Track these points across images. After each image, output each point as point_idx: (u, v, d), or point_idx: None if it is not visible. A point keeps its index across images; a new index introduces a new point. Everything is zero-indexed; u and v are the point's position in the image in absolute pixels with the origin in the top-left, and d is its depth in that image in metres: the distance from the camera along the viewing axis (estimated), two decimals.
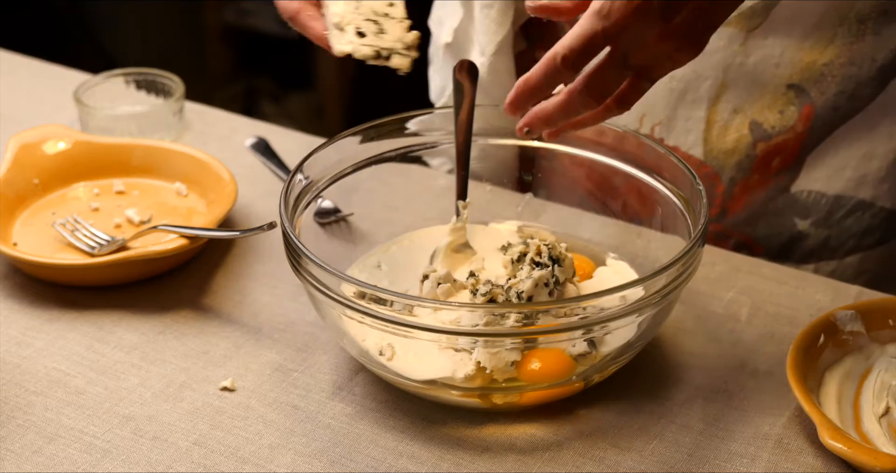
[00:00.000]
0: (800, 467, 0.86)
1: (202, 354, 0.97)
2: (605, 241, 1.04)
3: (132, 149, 1.17)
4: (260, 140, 1.24)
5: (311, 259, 0.86)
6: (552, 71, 0.81)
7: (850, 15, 1.06)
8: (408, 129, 1.03)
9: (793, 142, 1.11)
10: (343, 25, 0.86)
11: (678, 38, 0.79)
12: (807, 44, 1.08)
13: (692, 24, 0.79)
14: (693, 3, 0.78)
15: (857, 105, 1.10)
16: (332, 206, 1.06)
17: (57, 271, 1.03)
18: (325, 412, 0.91)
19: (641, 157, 0.99)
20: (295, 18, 0.93)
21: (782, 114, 1.10)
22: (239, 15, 2.84)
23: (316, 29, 0.92)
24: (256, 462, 0.86)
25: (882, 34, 1.07)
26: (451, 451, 0.87)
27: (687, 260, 0.87)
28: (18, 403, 0.91)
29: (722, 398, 0.92)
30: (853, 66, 1.08)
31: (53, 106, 1.33)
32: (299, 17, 0.93)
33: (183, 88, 1.26)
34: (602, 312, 0.84)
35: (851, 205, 1.14)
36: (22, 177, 1.13)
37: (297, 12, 0.93)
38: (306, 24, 0.92)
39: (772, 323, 1.00)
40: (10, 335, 0.98)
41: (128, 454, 0.87)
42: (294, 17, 0.93)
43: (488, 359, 0.87)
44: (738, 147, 1.12)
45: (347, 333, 0.91)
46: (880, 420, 0.87)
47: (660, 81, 1.12)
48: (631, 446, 0.88)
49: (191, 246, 1.02)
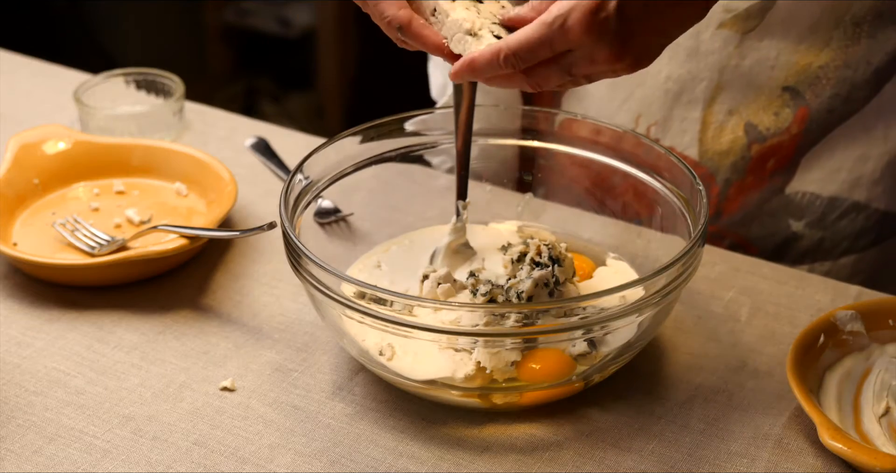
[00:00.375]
0: (800, 467, 0.86)
1: (202, 354, 0.97)
2: (605, 241, 1.04)
3: (132, 149, 1.17)
4: (260, 140, 1.24)
5: (311, 259, 0.86)
6: (494, 65, 0.80)
7: (845, 18, 1.07)
8: (407, 129, 1.03)
9: (788, 144, 1.12)
10: (475, 30, 0.84)
11: (628, 58, 0.78)
12: (802, 46, 1.08)
13: (645, 45, 0.78)
14: (649, 25, 0.77)
15: (852, 107, 1.10)
16: (332, 206, 1.06)
17: (57, 271, 1.03)
18: (325, 412, 0.91)
19: (641, 157, 0.99)
20: (407, 28, 0.85)
21: (777, 116, 1.11)
22: (239, 15, 2.84)
23: (433, 38, 0.85)
24: (256, 462, 0.86)
25: (877, 37, 1.07)
26: (451, 451, 0.87)
27: (687, 260, 0.87)
28: (18, 403, 0.91)
29: (722, 398, 0.92)
30: (848, 69, 1.08)
31: (53, 106, 1.33)
32: (412, 27, 0.85)
33: (183, 88, 1.26)
34: (602, 312, 0.84)
35: (846, 206, 1.14)
36: (22, 177, 1.13)
37: (408, 21, 0.85)
38: (421, 32, 0.85)
39: (772, 323, 1.00)
40: (10, 335, 0.98)
41: (128, 454, 0.87)
42: (406, 27, 0.85)
43: (488, 359, 0.87)
44: (733, 148, 1.12)
45: (347, 333, 0.91)
46: (880, 420, 0.87)
47: (656, 82, 1.13)
48: (631, 446, 0.88)
49: (191, 246, 1.02)
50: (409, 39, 0.85)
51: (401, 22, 0.85)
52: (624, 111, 1.15)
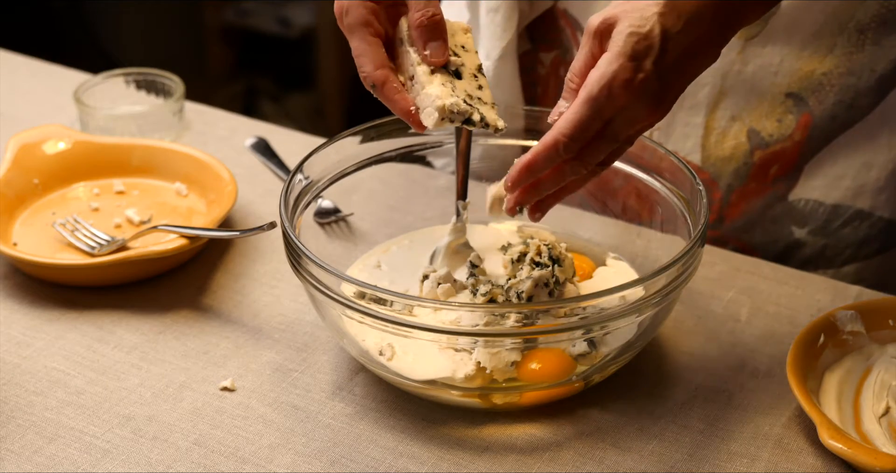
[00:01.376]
0: (800, 467, 0.86)
1: (202, 354, 0.97)
2: (606, 242, 1.04)
3: (132, 149, 1.17)
4: (260, 140, 1.24)
5: (311, 259, 0.86)
6: (554, 156, 0.83)
7: (849, 25, 1.06)
8: (411, 128, 1.03)
9: (790, 151, 1.11)
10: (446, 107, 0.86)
11: (664, 108, 0.82)
12: (805, 53, 1.08)
13: (677, 93, 0.83)
14: (681, 75, 0.81)
15: (855, 115, 1.10)
16: (332, 206, 1.06)
17: (57, 271, 1.03)
18: (325, 412, 0.91)
19: (642, 158, 0.99)
20: (381, 88, 0.87)
21: (780, 123, 1.10)
22: (239, 15, 2.84)
23: (402, 104, 0.87)
24: (256, 462, 0.86)
25: (882, 44, 1.07)
26: (451, 451, 0.87)
27: (687, 260, 0.87)
28: (18, 403, 0.91)
29: (722, 398, 0.92)
30: (852, 76, 1.08)
31: (53, 106, 1.33)
32: (385, 89, 0.87)
33: (183, 88, 1.26)
34: (602, 312, 0.84)
35: (849, 214, 1.13)
36: (22, 177, 1.13)
37: (383, 83, 0.87)
38: (392, 97, 0.87)
39: (772, 323, 1.00)
40: (10, 335, 0.98)
41: (128, 454, 0.87)
42: (380, 88, 0.87)
43: (488, 359, 0.87)
44: (735, 154, 1.12)
45: (347, 333, 0.91)
46: (880, 420, 0.87)
47: None
48: (631, 446, 0.88)
49: (191, 246, 1.02)
50: (381, 99, 0.87)
51: (374, 81, 0.87)
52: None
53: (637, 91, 0.80)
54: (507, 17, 1.13)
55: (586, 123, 0.81)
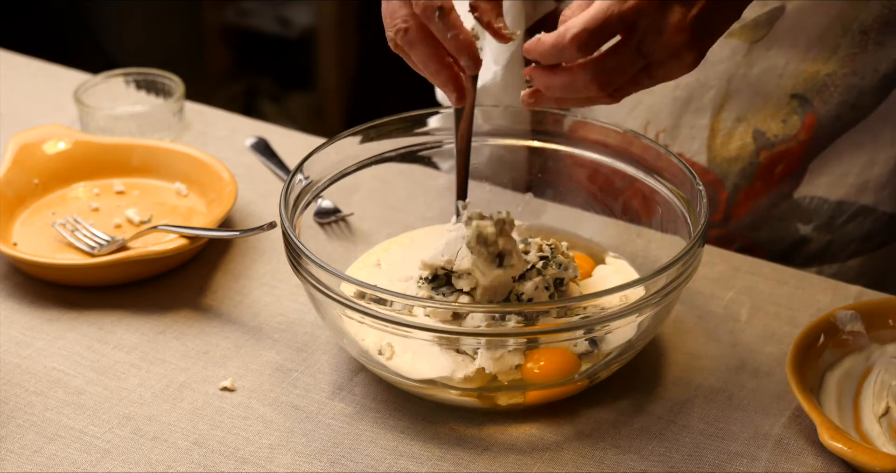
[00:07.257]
0: (800, 467, 0.86)
1: (202, 354, 0.97)
2: (606, 241, 1.04)
3: (132, 149, 1.17)
4: (260, 140, 1.24)
5: (311, 259, 0.86)
6: (560, 46, 0.78)
7: (853, 26, 1.07)
8: (415, 128, 1.03)
9: (796, 150, 1.12)
10: None
11: (690, 33, 0.77)
12: (810, 55, 1.08)
13: (705, 20, 0.78)
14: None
15: (859, 114, 1.11)
16: (332, 206, 1.06)
17: (57, 271, 1.03)
18: (325, 412, 0.91)
19: (642, 158, 0.99)
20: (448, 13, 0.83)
21: (785, 123, 1.11)
22: (239, 15, 2.84)
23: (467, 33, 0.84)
24: (256, 462, 0.86)
25: (885, 45, 1.08)
26: (451, 451, 0.87)
27: (687, 260, 0.87)
28: (18, 403, 0.91)
29: (722, 398, 0.92)
30: (856, 76, 1.09)
31: (53, 106, 1.33)
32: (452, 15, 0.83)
33: (183, 88, 1.26)
34: (603, 312, 0.84)
35: (853, 210, 1.14)
36: (22, 177, 1.13)
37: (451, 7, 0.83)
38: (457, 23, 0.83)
39: (772, 323, 1.00)
40: (10, 335, 0.98)
41: (128, 454, 0.87)
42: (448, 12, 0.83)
43: (492, 365, 0.87)
44: (741, 155, 1.13)
45: (347, 333, 0.91)
46: (880, 420, 0.87)
47: (664, 89, 1.13)
48: (631, 446, 0.88)
49: (191, 246, 1.02)
50: (445, 26, 0.82)
51: (444, 4, 0.82)
52: (633, 118, 1.15)
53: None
54: (515, 22, 1.13)
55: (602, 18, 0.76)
